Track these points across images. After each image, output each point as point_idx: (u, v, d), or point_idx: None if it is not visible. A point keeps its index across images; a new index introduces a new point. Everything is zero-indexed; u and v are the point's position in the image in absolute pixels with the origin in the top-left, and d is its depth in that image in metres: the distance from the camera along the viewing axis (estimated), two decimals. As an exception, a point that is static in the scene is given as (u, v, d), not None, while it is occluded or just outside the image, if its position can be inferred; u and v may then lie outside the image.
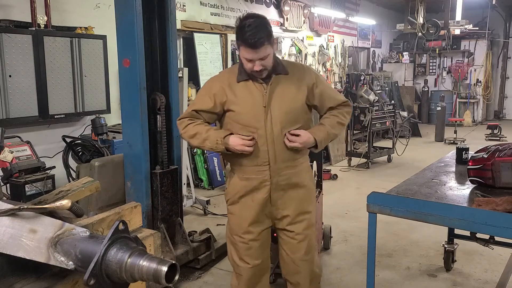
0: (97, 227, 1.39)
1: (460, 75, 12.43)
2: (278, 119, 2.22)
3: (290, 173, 2.31)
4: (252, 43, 2.07)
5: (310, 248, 2.42)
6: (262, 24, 2.11)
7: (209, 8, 6.88)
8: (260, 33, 2.08)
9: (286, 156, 2.27)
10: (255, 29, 2.07)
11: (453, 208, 2.11)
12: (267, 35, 2.11)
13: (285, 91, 2.25)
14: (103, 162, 3.59)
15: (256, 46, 2.08)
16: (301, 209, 2.37)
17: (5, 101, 3.97)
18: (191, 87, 6.56)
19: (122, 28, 3.19)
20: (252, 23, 2.08)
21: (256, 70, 2.15)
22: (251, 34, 2.07)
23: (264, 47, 2.10)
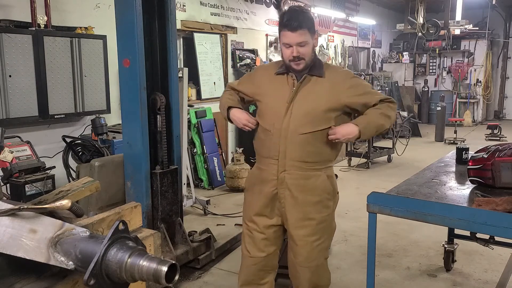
0: (97, 227, 1.39)
1: (460, 75, 12.43)
2: (296, 118, 2.22)
3: (299, 174, 2.26)
4: (291, 24, 2.14)
5: (311, 257, 2.35)
6: (304, 12, 2.21)
7: (209, 8, 6.88)
8: (300, 17, 2.16)
9: (296, 155, 2.24)
10: (296, 13, 2.17)
11: (453, 208, 2.11)
12: (307, 21, 2.18)
13: (312, 92, 2.24)
14: (103, 162, 3.58)
15: (295, 28, 2.14)
16: (307, 215, 2.31)
17: (5, 101, 3.96)
18: (191, 87, 6.56)
19: (122, 28, 3.19)
20: (294, 9, 2.21)
21: (293, 56, 2.19)
22: (291, 17, 2.15)
23: (303, 32, 2.15)
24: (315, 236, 2.33)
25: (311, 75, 2.26)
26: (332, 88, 2.24)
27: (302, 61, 2.21)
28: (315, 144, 2.25)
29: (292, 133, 2.22)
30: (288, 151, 2.24)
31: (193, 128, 6.02)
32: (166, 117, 3.41)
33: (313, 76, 2.26)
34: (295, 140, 2.23)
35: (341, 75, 2.32)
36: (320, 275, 2.42)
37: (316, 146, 2.25)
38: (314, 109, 2.22)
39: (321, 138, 2.25)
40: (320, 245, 2.37)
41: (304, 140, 2.23)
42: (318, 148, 2.26)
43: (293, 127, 2.22)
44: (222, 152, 6.56)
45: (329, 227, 2.41)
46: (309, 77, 2.26)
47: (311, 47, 2.22)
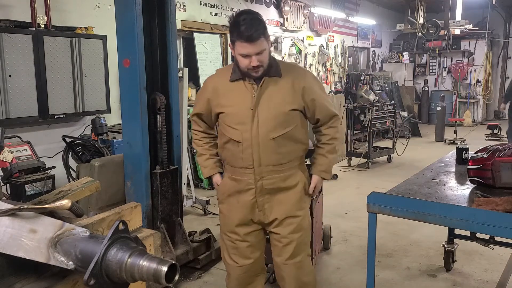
0: (97, 227, 1.39)
1: (460, 75, 12.43)
2: (264, 123, 2.17)
3: (276, 177, 2.25)
4: (249, 35, 2.05)
5: (296, 253, 2.33)
6: (257, 19, 2.11)
7: (209, 8, 6.88)
8: (256, 26, 2.07)
9: (271, 160, 2.21)
10: (251, 22, 2.06)
11: (453, 208, 2.11)
12: (263, 28, 2.10)
13: (274, 94, 2.19)
14: (103, 162, 3.58)
15: (253, 39, 2.06)
16: (290, 213, 2.30)
17: (5, 101, 3.97)
18: (191, 87, 6.56)
19: (122, 28, 3.19)
20: (247, 18, 2.07)
21: (253, 66, 2.11)
22: (247, 27, 2.05)
23: (261, 41, 2.09)
24: (300, 232, 2.34)
25: (270, 76, 2.20)
26: (292, 86, 2.22)
27: (261, 68, 2.15)
28: (286, 144, 2.23)
29: (263, 140, 2.18)
30: (263, 158, 2.21)
31: (193, 128, 6.01)
32: (166, 117, 3.41)
33: (272, 77, 2.20)
34: (268, 145, 2.19)
35: (298, 72, 2.29)
36: (306, 271, 2.40)
37: (288, 146, 2.24)
38: (281, 111, 2.19)
39: (291, 137, 2.24)
40: (303, 240, 2.38)
41: (277, 144, 2.20)
42: (290, 147, 2.26)
43: (262, 133, 2.17)
44: (222, 152, 6.55)
45: (308, 221, 2.44)
46: (268, 79, 2.20)
47: (268, 51, 2.16)
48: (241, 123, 2.19)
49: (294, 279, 2.37)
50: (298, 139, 2.28)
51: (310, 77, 2.34)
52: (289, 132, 2.22)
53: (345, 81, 9.07)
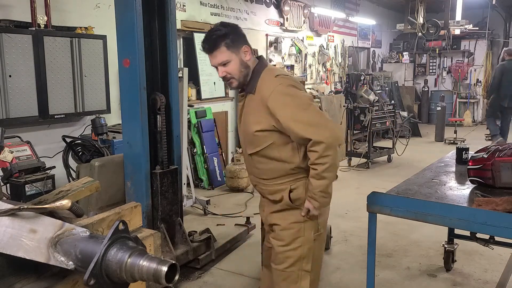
0: (97, 227, 1.39)
1: (460, 75, 12.43)
2: (242, 140, 2.28)
3: (264, 189, 2.27)
4: (204, 47, 2.10)
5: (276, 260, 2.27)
6: (219, 30, 2.08)
7: (209, 8, 6.88)
8: (213, 38, 2.07)
9: (254, 172, 2.28)
10: (209, 34, 2.09)
11: (453, 208, 2.11)
12: (223, 39, 2.06)
13: (248, 112, 2.18)
14: (103, 162, 3.58)
15: (209, 51, 2.09)
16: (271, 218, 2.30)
17: (5, 101, 3.97)
18: (191, 87, 6.55)
19: (122, 28, 3.19)
20: (213, 30, 2.10)
21: (220, 77, 2.16)
22: (204, 40, 2.10)
23: (219, 51, 2.07)
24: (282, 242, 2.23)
25: (247, 92, 2.18)
26: (259, 107, 2.10)
27: (232, 80, 2.14)
28: (263, 162, 2.19)
29: (244, 152, 2.29)
30: (248, 168, 2.34)
31: (193, 128, 6.02)
32: (166, 117, 3.41)
33: (249, 93, 2.17)
34: (248, 159, 2.28)
35: (268, 91, 2.08)
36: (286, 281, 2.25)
37: (266, 164, 2.18)
38: (248, 131, 2.17)
39: (266, 155, 2.16)
40: (288, 252, 2.23)
41: (254, 160, 2.22)
42: (269, 165, 2.18)
43: (243, 146, 2.29)
44: (222, 152, 6.56)
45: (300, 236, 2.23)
46: (248, 95, 2.18)
47: (237, 63, 2.10)
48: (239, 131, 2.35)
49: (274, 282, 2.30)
50: (276, 157, 2.15)
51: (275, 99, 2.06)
52: (262, 151, 2.16)
53: (345, 81, 9.08)
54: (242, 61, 2.11)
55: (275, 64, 8.32)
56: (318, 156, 2.03)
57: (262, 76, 2.15)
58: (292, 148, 2.14)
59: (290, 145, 2.13)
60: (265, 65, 2.20)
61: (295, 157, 2.15)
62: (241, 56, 2.11)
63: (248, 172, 2.38)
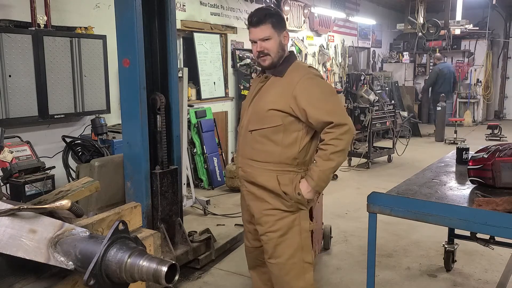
0: (97, 227, 1.39)
1: (460, 75, 12.42)
2: (249, 116, 2.30)
3: (249, 172, 2.29)
4: (252, 20, 2.20)
5: (275, 254, 2.27)
6: (268, 8, 2.26)
7: (209, 8, 6.88)
8: (262, 13, 2.20)
9: (246, 152, 2.31)
10: (260, 10, 2.24)
11: (453, 208, 2.11)
12: (271, 17, 2.19)
13: (266, 92, 2.26)
14: (103, 162, 3.58)
15: (256, 23, 2.19)
16: (262, 209, 2.28)
17: (5, 101, 3.96)
18: (191, 87, 6.55)
19: (122, 28, 3.19)
20: (262, 7, 2.29)
21: (257, 51, 2.22)
22: (254, 14, 2.22)
23: (265, 27, 2.18)
24: (279, 232, 2.25)
25: (274, 75, 2.27)
26: (283, 89, 2.19)
27: (267, 57, 2.23)
28: (263, 142, 2.22)
29: (244, 131, 2.30)
30: (241, 148, 2.36)
31: (193, 128, 6.02)
32: (166, 117, 3.41)
33: (276, 76, 2.26)
34: (246, 138, 2.29)
35: (298, 76, 2.18)
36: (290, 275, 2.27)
37: (264, 145, 2.22)
38: (261, 108, 2.24)
39: (266, 136, 2.21)
40: (286, 242, 2.25)
41: (253, 138, 2.25)
42: (266, 147, 2.21)
43: (245, 125, 2.31)
44: (222, 152, 6.55)
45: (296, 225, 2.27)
46: (272, 77, 2.28)
47: (277, 42, 2.22)
48: (242, 113, 2.39)
49: (276, 279, 2.32)
50: (277, 141, 2.19)
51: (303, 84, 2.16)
52: (266, 130, 2.20)
53: (345, 81, 9.07)
54: (281, 42, 2.24)
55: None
56: (333, 137, 2.10)
57: (294, 64, 2.27)
58: (296, 137, 2.21)
59: (295, 134, 2.21)
60: (296, 57, 2.35)
61: (295, 146, 2.21)
62: (281, 38, 2.24)
63: (239, 153, 2.38)
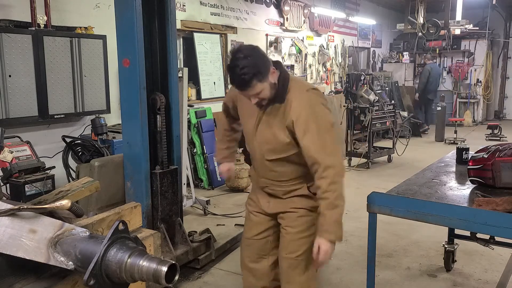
0: (97, 227, 1.39)
1: (460, 75, 12.42)
2: (260, 145, 2.24)
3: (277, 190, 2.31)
4: (238, 85, 2.04)
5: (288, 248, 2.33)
6: (250, 64, 1.99)
7: (209, 8, 6.88)
8: (247, 79, 1.99)
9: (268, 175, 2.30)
10: (242, 73, 1.98)
11: (453, 208, 2.11)
12: (252, 76, 1.99)
13: (271, 122, 2.18)
14: (103, 162, 3.58)
15: (243, 88, 2.04)
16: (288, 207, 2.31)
17: (5, 101, 3.96)
18: (191, 87, 6.56)
19: (122, 28, 3.19)
20: (240, 64, 1.98)
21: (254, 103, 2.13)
22: (236, 79, 2.02)
23: (253, 86, 2.02)
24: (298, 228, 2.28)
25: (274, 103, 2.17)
26: (286, 118, 2.13)
27: (264, 101, 2.13)
28: (284, 165, 2.23)
29: (260, 157, 2.27)
30: (260, 171, 2.33)
31: (193, 128, 6.01)
32: (166, 117, 3.41)
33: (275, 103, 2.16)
34: (264, 163, 2.27)
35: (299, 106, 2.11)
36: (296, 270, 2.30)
37: (286, 167, 2.23)
38: (271, 140, 2.19)
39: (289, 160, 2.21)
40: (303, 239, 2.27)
41: (272, 164, 2.24)
42: (289, 167, 2.22)
43: (259, 152, 2.26)
44: (222, 152, 6.54)
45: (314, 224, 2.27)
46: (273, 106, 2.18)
47: (268, 87, 2.08)
48: (248, 135, 2.33)
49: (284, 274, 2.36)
50: (297, 162, 2.19)
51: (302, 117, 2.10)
52: (286, 158, 2.20)
53: (345, 81, 9.07)
54: (271, 83, 2.10)
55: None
56: (329, 182, 2.06)
57: (291, 88, 2.15)
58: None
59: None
60: (287, 74, 2.19)
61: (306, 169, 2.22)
62: (270, 80, 2.08)
63: (260, 175, 2.34)
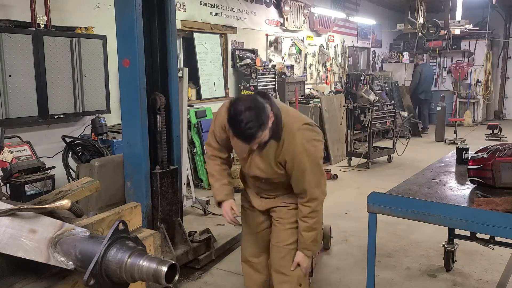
0: (97, 227, 1.39)
1: (460, 75, 12.42)
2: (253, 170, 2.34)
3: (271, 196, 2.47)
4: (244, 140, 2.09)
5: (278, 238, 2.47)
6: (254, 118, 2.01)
7: (209, 8, 6.88)
8: (252, 129, 2.02)
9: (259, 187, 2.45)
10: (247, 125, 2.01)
11: (453, 208, 2.11)
12: (260, 125, 2.04)
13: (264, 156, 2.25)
14: (103, 162, 3.58)
15: (249, 142, 2.10)
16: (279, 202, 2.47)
17: (5, 101, 3.97)
18: (191, 87, 6.56)
19: (122, 28, 3.19)
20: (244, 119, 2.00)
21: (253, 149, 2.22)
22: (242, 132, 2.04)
23: (257, 138, 2.08)
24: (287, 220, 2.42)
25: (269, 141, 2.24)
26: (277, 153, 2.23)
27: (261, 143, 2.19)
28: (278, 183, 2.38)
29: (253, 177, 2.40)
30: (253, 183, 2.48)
31: (193, 128, 6.01)
32: (166, 117, 3.41)
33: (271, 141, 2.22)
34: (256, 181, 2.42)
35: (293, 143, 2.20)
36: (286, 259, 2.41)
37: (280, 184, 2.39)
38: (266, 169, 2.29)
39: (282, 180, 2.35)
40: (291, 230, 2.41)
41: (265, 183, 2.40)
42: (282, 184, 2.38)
43: (252, 173, 2.38)
44: (222, 152, 6.54)
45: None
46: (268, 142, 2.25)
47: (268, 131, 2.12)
48: (240, 157, 2.41)
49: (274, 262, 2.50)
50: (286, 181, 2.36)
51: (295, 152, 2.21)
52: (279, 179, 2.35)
53: (345, 81, 9.07)
54: (269, 127, 2.13)
55: (275, 64, 8.32)
56: (310, 211, 2.29)
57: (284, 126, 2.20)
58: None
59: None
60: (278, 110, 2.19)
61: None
62: (269, 125, 2.12)
63: (254, 186, 2.49)
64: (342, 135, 7.70)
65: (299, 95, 7.85)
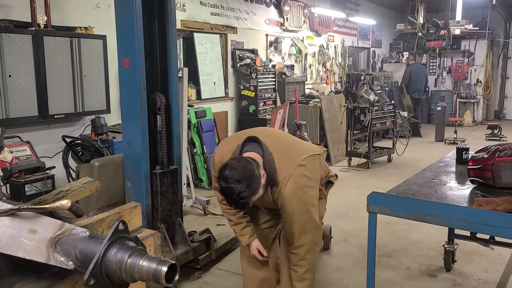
0: (97, 227, 1.39)
1: (460, 75, 12.42)
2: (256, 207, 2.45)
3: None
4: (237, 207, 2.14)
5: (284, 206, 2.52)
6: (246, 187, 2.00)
7: (209, 8, 6.88)
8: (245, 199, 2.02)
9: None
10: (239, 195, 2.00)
11: (453, 208, 2.11)
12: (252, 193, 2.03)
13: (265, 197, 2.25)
14: (103, 162, 3.58)
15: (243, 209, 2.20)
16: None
17: (5, 101, 3.96)
18: (191, 87, 6.56)
19: (122, 28, 3.19)
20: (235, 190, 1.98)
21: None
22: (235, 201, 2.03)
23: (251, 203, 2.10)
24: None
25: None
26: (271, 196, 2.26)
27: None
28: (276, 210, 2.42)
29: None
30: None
31: (193, 128, 6.01)
32: (166, 117, 3.41)
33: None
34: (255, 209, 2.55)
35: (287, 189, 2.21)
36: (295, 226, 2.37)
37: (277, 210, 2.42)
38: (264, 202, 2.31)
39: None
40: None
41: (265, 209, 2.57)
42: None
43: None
44: (222, 152, 6.54)
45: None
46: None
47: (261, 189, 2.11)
48: None
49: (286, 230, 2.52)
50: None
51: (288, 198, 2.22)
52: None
53: (345, 81, 9.07)
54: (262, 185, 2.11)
55: (275, 64, 8.31)
56: (299, 259, 2.28)
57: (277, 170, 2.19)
58: None
59: None
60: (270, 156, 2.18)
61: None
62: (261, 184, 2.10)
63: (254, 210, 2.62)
64: (342, 135, 7.70)
65: (299, 95, 7.85)
